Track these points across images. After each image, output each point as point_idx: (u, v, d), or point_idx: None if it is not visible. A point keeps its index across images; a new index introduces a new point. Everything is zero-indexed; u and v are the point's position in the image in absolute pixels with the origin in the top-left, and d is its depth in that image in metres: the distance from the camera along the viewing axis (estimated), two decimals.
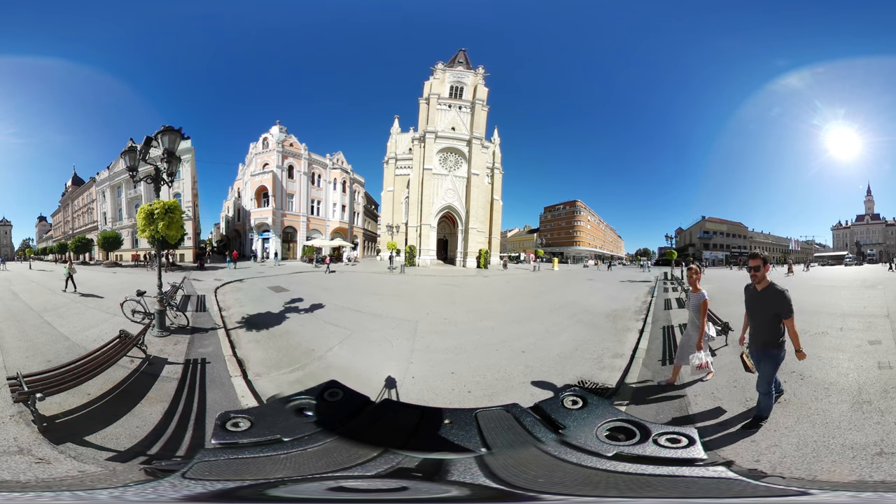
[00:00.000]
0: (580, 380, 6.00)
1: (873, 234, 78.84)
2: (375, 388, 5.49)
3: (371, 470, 1.92)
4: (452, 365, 6.58)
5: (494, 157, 44.75)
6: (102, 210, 45.23)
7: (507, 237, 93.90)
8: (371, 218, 59.02)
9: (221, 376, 5.87)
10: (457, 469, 1.88)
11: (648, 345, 7.92)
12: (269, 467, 1.95)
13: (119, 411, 4.56)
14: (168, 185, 8.44)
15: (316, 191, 46.00)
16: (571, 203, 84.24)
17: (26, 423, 4.10)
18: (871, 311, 10.78)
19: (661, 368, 6.46)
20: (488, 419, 2.40)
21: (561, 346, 7.85)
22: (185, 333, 8.08)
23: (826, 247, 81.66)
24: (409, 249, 35.80)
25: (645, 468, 1.85)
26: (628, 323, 10.17)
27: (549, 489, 1.72)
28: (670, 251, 36.95)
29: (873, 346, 7.20)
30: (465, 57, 43.56)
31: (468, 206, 40.09)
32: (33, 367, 5.22)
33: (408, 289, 17.31)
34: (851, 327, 8.73)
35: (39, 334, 7.70)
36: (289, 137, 44.07)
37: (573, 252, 76.61)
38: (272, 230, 42.10)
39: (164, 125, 7.91)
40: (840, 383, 5.40)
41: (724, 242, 73.39)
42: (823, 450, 3.76)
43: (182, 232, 8.40)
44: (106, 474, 3.41)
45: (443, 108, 40.26)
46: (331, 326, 9.17)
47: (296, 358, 6.91)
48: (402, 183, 43.22)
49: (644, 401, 5.24)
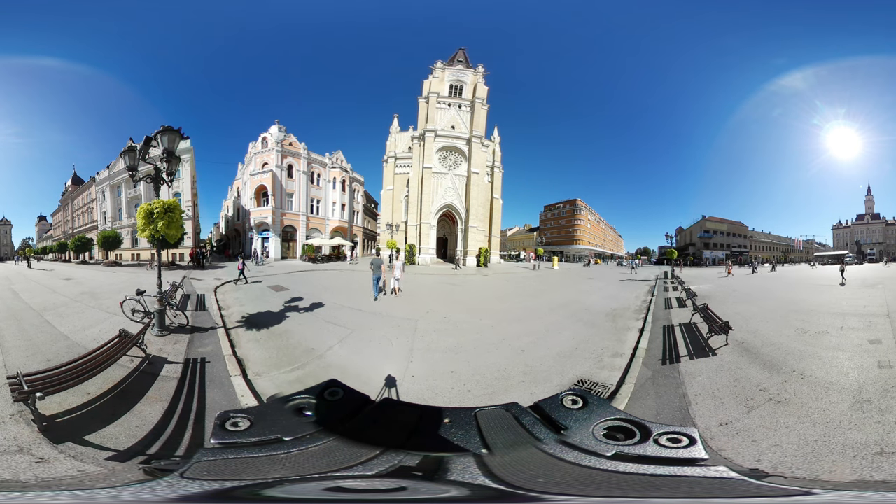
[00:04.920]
0: (580, 379, 5.99)
1: (873, 233, 78.82)
2: (375, 388, 5.48)
3: (371, 469, 1.91)
4: (452, 364, 6.57)
5: (494, 156, 44.69)
6: (102, 209, 45.22)
7: (507, 236, 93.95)
8: (371, 217, 59.00)
9: (221, 376, 5.87)
10: (456, 468, 1.87)
11: (648, 344, 7.92)
12: (268, 467, 1.94)
13: (118, 411, 4.56)
14: (168, 184, 8.43)
15: (315, 190, 45.96)
16: (572, 202, 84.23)
17: (26, 422, 4.10)
18: (871, 310, 10.78)
19: (661, 368, 6.46)
20: (488, 418, 2.39)
21: (561, 345, 7.84)
22: (185, 333, 8.08)
23: (826, 246, 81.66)
24: (409, 248, 35.78)
25: (646, 468, 1.84)
26: (628, 322, 10.17)
27: (549, 489, 1.71)
28: (670, 250, 37.02)
29: (873, 345, 7.20)
30: (465, 56, 43.49)
31: (468, 205, 40.07)
32: (33, 367, 5.21)
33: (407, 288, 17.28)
34: (851, 326, 8.73)
35: (39, 333, 7.69)
36: (288, 137, 44.01)
37: (573, 251, 76.63)
38: (272, 229, 42.07)
39: (163, 125, 7.90)
40: (840, 382, 5.40)
41: (724, 242, 73.38)
42: (824, 449, 3.76)
43: (182, 231, 8.38)
44: (105, 474, 3.40)
45: (442, 107, 40.20)
46: (331, 325, 9.16)
47: (296, 357, 6.91)
48: (402, 182, 43.17)
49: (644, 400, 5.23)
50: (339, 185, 47.86)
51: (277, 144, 42.76)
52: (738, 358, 6.73)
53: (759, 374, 5.88)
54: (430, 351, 7.34)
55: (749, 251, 70.80)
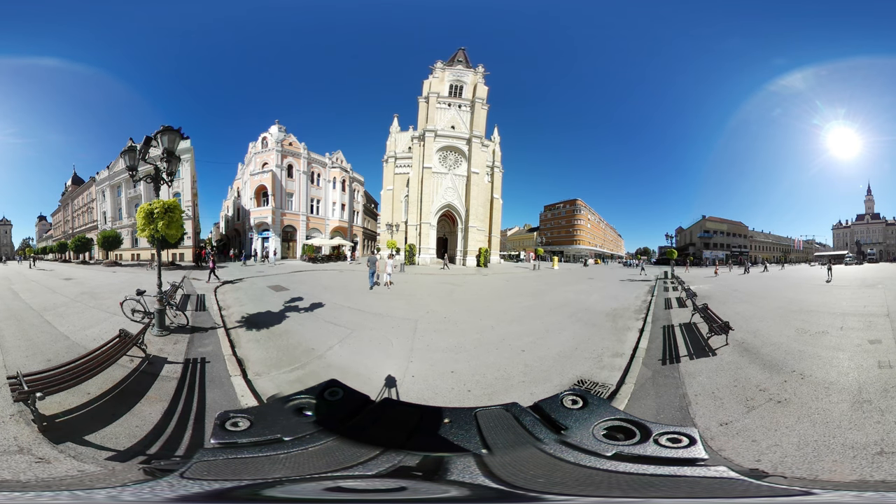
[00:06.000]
0: (580, 379, 5.99)
1: (873, 233, 78.84)
2: (375, 388, 5.48)
3: (371, 469, 1.90)
4: (452, 364, 6.57)
5: (494, 156, 44.68)
6: (102, 209, 45.24)
7: (507, 236, 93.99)
8: (371, 217, 58.98)
9: (221, 376, 5.87)
10: (456, 468, 1.87)
11: (648, 344, 7.92)
12: (268, 467, 1.94)
13: (119, 411, 4.56)
14: (168, 184, 8.43)
15: (315, 190, 45.96)
16: (572, 202, 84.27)
17: (26, 422, 4.10)
18: (871, 310, 10.77)
19: (661, 368, 6.46)
20: (488, 418, 2.39)
21: (561, 345, 7.84)
22: (185, 333, 8.08)
23: (826, 246, 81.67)
24: (409, 248, 35.78)
25: (646, 468, 1.84)
26: (628, 322, 10.17)
27: (550, 489, 1.71)
28: (670, 250, 37.04)
29: (873, 345, 7.20)
30: (465, 56, 43.49)
31: (468, 205, 40.06)
32: (33, 367, 5.21)
33: (407, 287, 17.30)
34: (851, 326, 8.73)
35: (39, 333, 7.69)
36: (288, 137, 44.01)
37: (573, 251, 76.64)
38: (272, 229, 42.07)
39: (163, 125, 7.90)
40: (840, 382, 5.40)
41: (724, 242, 73.39)
42: (824, 449, 3.76)
43: (182, 231, 8.38)
44: (105, 474, 3.40)
45: (442, 107, 40.19)
46: (331, 325, 9.16)
47: (296, 357, 6.91)
48: (402, 181, 43.16)
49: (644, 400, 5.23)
50: (339, 185, 47.87)
51: (277, 144, 42.76)
52: (738, 358, 6.73)
53: (759, 374, 5.88)
54: (430, 351, 7.34)
55: (749, 251, 70.80)
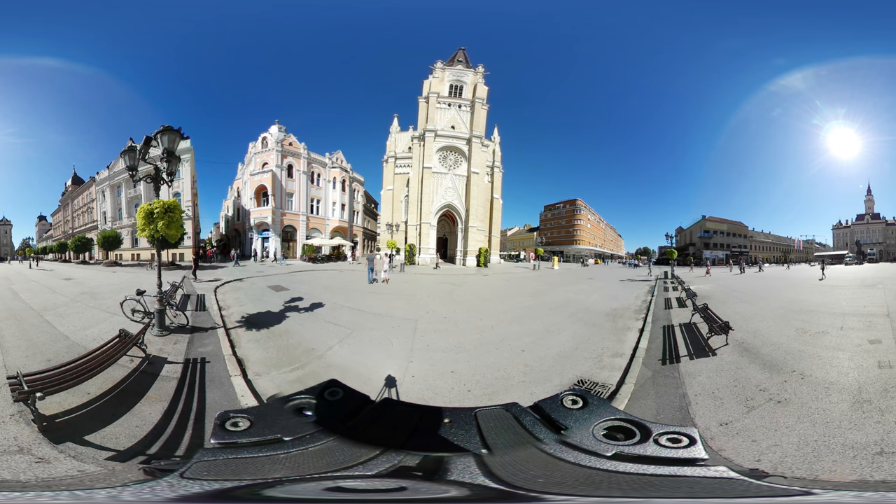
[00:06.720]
0: (580, 379, 5.99)
1: (873, 233, 78.83)
2: (375, 388, 5.48)
3: (371, 469, 1.90)
4: (452, 364, 6.57)
5: (494, 156, 44.69)
6: (102, 209, 45.24)
7: (507, 236, 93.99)
8: (371, 217, 58.98)
9: (221, 376, 5.87)
10: (456, 468, 1.87)
11: (648, 344, 7.91)
12: (268, 467, 1.94)
13: (119, 411, 4.56)
14: (168, 184, 8.43)
15: (315, 190, 45.97)
16: (572, 202, 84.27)
17: (26, 422, 4.10)
18: (871, 310, 10.77)
19: (661, 368, 6.46)
20: (488, 418, 2.39)
21: (561, 345, 7.84)
22: (185, 333, 8.08)
23: (827, 246, 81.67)
24: (409, 248, 35.79)
25: (646, 468, 1.84)
26: (628, 322, 10.17)
27: (550, 489, 1.71)
28: (670, 250, 37.05)
29: (873, 345, 7.20)
30: (465, 56, 43.49)
31: (468, 205, 40.06)
32: (33, 367, 5.21)
33: (407, 287, 17.30)
34: (851, 326, 8.73)
35: (39, 333, 7.69)
36: (288, 137, 44.02)
37: (573, 251, 76.63)
38: (272, 229, 42.08)
39: (163, 125, 7.90)
40: (840, 382, 5.40)
41: (724, 242, 73.40)
42: (824, 449, 3.76)
43: (182, 231, 8.38)
44: (105, 474, 3.40)
45: (442, 107, 40.19)
46: (331, 325, 9.16)
47: (296, 357, 6.91)
48: (402, 181, 43.16)
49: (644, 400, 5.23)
50: (339, 185, 47.88)
51: (277, 144, 42.78)
52: (738, 358, 6.73)
53: (759, 374, 5.88)
54: (430, 351, 7.34)
55: (749, 251, 70.81)
